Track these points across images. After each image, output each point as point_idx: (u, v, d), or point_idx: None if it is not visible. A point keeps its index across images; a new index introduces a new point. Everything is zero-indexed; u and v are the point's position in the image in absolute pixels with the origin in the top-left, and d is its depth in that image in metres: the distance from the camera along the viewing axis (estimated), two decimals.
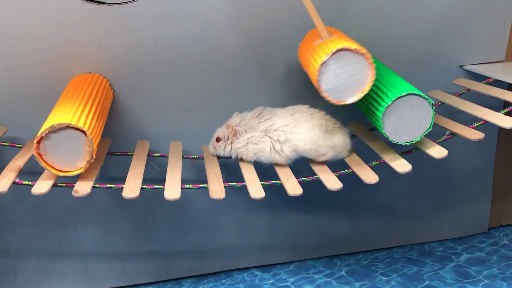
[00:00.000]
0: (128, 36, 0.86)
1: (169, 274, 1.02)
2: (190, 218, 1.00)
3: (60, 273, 0.98)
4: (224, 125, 0.86)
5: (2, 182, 0.70)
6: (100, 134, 0.74)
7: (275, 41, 0.90)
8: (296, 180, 0.78)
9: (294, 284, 0.97)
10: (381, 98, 0.76)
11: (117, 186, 0.74)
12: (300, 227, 1.04)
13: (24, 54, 0.84)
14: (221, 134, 0.86)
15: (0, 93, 0.85)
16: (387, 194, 1.05)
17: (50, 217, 0.95)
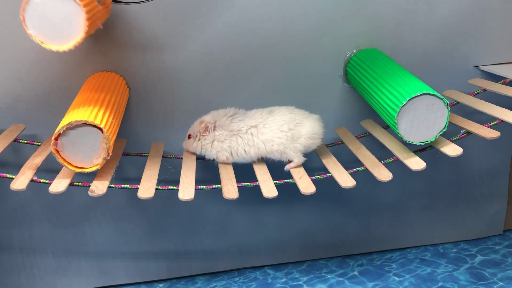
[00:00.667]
0: (145, 35, 0.87)
1: (182, 271, 1.03)
2: (203, 217, 1.01)
3: (75, 270, 1.00)
4: (197, 121, 0.86)
5: (20, 179, 0.71)
6: (116, 131, 0.75)
7: (293, 40, 0.91)
8: (309, 179, 0.78)
9: (306, 283, 0.97)
10: (396, 98, 0.76)
11: (132, 187, 0.75)
12: (313, 226, 1.04)
13: (42, 51, 0.85)
14: (190, 131, 0.86)
15: (19, 91, 0.87)
16: (402, 193, 1.05)
17: (67, 214, 0.97)
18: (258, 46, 0.90)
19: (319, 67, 0.93)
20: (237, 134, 0.83)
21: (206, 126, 0.84)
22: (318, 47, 0.92)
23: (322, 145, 0.88)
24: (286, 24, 0.89)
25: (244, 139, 0.83)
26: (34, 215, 0.95)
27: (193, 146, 0.86)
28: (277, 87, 0.93)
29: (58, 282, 1.00)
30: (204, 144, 0.84)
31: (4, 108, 0.87)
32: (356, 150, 0.85)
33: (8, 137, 0.82)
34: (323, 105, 0.96)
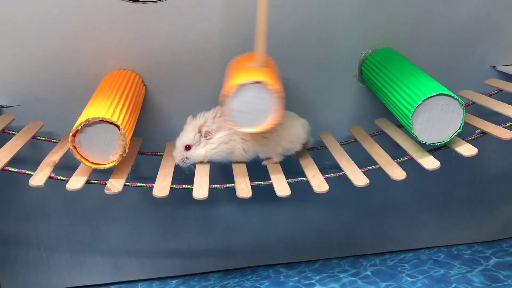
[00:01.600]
0: (161, 34, 0.88)
1: (196, 268, 1.04)
2: (216, 216, 1.02)
3: (91, 265, 1.01)
4: (187, 132, 0.82)
5: (38, 176, 0.72)
6: (132, 128, 0.76)
7: (308, 39, 0.91)
8: (323, 177, 0.77)
9: (319, 282, 0.97)
10: (411, 98, 0.76)
11: (148, 185, 0.76)
12: (326, 225, 1.05)
13: (60, 50, 0.87)
14: (189, 141, 0.81)
15: (37, 89, 0.89)
16: (415, 193, 1.05)
17: (83, 211, 0.98)
18: (273, 45, 0.90)
19: (334, 66, 0.93)
20: (235, 132, 0.81)
21: (206, 131, 0.81)
22: (333, 47, 0.92)
23: (335, 143, 0.88)
24: (302, 23, 0.90)
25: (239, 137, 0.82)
26: (52, 211, 0.97)
27: (198, 154, 0.81)
28: (291, 86, 0.94)
29: (74, 277, 1.01)
30: (212, 149, 0.81)
31: (23, 105, 0.89)
32: (370, 148, 0.85)
33: (27, 134, 0.83)
34: (337, 104, 0.96)
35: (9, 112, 0.89)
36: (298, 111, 0.95)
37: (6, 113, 0.89)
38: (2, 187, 0.94)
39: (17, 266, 0.99)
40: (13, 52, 0.86)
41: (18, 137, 0.81)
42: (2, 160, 0.72)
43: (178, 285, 1.00)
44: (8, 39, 0.85)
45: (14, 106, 0.89)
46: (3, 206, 0.95)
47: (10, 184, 0.94)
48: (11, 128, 0.86)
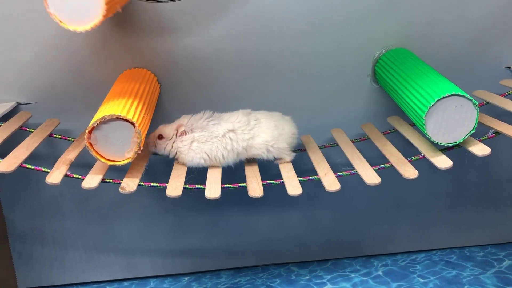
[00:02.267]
0: (176, 33, 0.88)
1: (207, 266, 1.05)
2: (227, 215, 1.02)
3: (104, 262, 1.02)
4: (170, 124, 0.83)
5: (55, 174, 0.73)
6: (147, 126, 0.77)
7: (326, 36, 0.91)
8: (334, 175, 0.77)
9: (330, 282, 0.97)
10: (424, 98, 0.76)
11: (161, 185, 0.77)
12: (337, 225, 1.05)
13: (76, 48, 0.88)
14: (165, 132, 0.82)
15: (53, 87, 0.90)
16: (428, 193, 1.04)
17: (97, 209, 0.99)
18: (287, 44, 0.91)
19: (347, 66, 0.93)
20: (216, 137, 0.81)
21: (184, 131, 0.82)
22: (346, 47, 0.92)
23: (347, 141, 0.88)
24: (316, 23, 0.90)
25: (222, 143, 0.81)
26: (66, 208, 0.99)
27: (165, 148, 0.83)
28: (304, 85, 0.94)
29: (87, 273, 1.03)
30: (180, 147, 0.82)
31: (39, 103, 0.90)
32: (382, 146, 0.85)
33: (43, 131, 0.85)
34: (350, 103, 0.96)
35: (26, 110, 0.90)
36: (311, 109, 0.95)
37: (23, 110, 0.90)
38: (19, 184, 0.95)
39: (32, 261, 1.00)
40: (30, 50, 0.87)
41: (35, 135, 0.82)
42: (19, 157, 0.74)
43: (190, 282, 1.01)
44: (26, 37, 0.87)
45: (31, 103, 0.90)
46: (20, 202, 0.97)
47: (26, 181, 0.95)
48: (28, 125, 0.87)
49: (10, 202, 0.97)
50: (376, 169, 0.78)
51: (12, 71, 0.88)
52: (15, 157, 0.73)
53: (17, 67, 0.88)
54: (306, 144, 0.91)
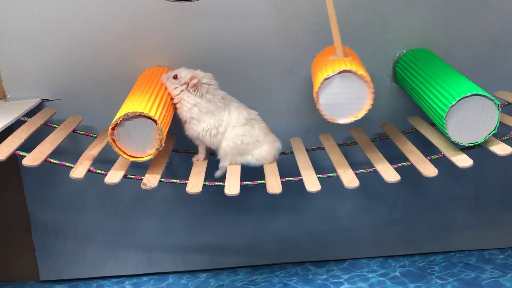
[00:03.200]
0: (197, 32, 0.89)
1: (225, 263, 1.05)
2: (245, 212, 1.03)
3: (124, 257, 1.04)
4: (189, 70, 0.84)
5: (78, 169, 0.75)
6: (169, 124, 0.78)
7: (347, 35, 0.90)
8: (353, 173, 0.77)
9: (347, 281, 0.97)
10: (445, 98, 0.76)
11: (182, 182, 0.78)
12: (355, 225, 1.05)
13: (100, 47, 0.90)
14: (181, 76, 0.83)
15: (77, 84, 0.92)
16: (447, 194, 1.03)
17: (118, 204, 1.01)
18: (306, 43, 0.91)
19: (367, 66, 0.93)
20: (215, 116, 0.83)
21: (196, 85, 0.82)
22: (367, 46, 0.92)
23: (367, 139, 0.88)
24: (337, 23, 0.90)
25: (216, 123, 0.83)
26: (88, 202, 1.00)
27: (174, 90, 0.83)
28: None
29: (108, 268, 1.04)
30: (184, 100, 0.82)
31: (63, 99, 0.92)
32: (402, 145, 0.85)
33: (67, 127, 0.87)
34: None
35: (51, 106, 0.92)
36: None
37: (48, 106, 0.92)
38: (42, 179, 0.98)
39: (54, 255, 1.02)
40: (56, 48, 0.89)
41: (59, 131, 0.84)
42: (45, 152, 0.76)
43: (208, 278, 1.02)
44: (51, 36, 0.89)
45: (56, 100, 0.92)
46: (43, 196, 0.99)
47: (49, 175, 0.97)
48: (52, 121, 0.89)
49: (33, 196, 0.99)
50: (395, 167, 0.78)
51: (38, 69, 0.91)
52: (40, 151, 0.75)
53: (42, 65, 0.90)
54: (324, 142, 0.91)
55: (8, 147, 0.74)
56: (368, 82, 0.73)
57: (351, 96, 0.74)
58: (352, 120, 0.75)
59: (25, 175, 0.98)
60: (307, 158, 0.85)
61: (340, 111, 0.75)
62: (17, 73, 0.91)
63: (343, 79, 0.73)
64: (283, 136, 0.94)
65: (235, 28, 0.90)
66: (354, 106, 0.75)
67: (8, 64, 0.90)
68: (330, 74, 0.73)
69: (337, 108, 0.75)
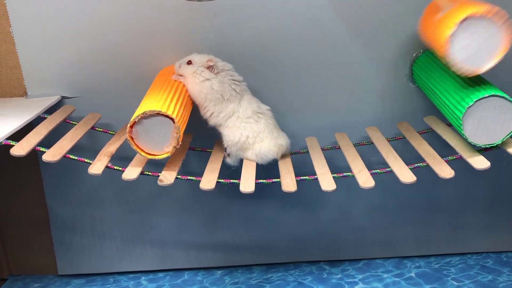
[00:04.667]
0: (214, 31, 0.90)
1: (239, 261, 1.06)
2: (260, 210, 1.03)
3: (140, 253, 1.05)
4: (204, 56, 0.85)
5: (96, 165, 0.77)
6: (186, 122, 0.79)
7: (363, 38, 0.92)
8: (368, 172, 0.77)
9: (362, 281, 0.97)
10: (462, 98, 0.75)
11: (197, 179, 0.79)
12: (370, 224, 1.04)
13: (119, 45, 0.91)
14: (196, 60, 0.85)
15: (96, 81, 0.93)
16: (463, 196, 1.03)
17: (134, 201, 1.02)
18: (324, 43, 0.92)
19: (384, 66, 0.93)
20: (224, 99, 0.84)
21: (212, 67, 0.83)
22: (384, 46, 0.92)
23: (383, 139, 0.88)
24: (354, 23, 0.90)
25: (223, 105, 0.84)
26: (105, 198, 1.02)
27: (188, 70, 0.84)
28: (341, 84, 0.94)
29: (124, 263, 1.06)
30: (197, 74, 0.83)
31: (82, 96, 0.94)
32: (418, 145, 0.84)
33: (86, 124, 0.88)
34: (386, 103, 0.96)
35: (70, 103, 0.94)
36: (346, 108, 0.95)
37: (68, 103, 0.94)
38: (61, 175, 0.99)
39: (72, 249, 1.04)
40: (75, 47, 0.91)
41: (78, 127, 0.86)
42: (64, 148, 0.77)
43: (223, 275, 1.03)
44: (71, 35, 0.90)
45: (75, 97, 0.94)
46: (62, 192, 1.01)
47: (68, 171, 0.99)
48: (71, 118, 0.90)
49: (52, 191, 1.01)
50: (411, 168, 0.77)
51: (57, 67, 0.92)
52: (59, 147, 0.77)
53: (62, 63, 0.92)
54: (340, 141, 0.91)
55: (29, 143, 0.75)
56: (493, 17, 0.69)
57: (484, 38, 0.70)
58: (498, 60, 0.71)
59: (44, 171, 0.99)
60: (322, 157, 0.85)
61: (481, 59, 0.71)
62: (38, 71, 0.92)
63: (467, 27, 0.70)
64: (299, 134, 0.94)
65: (251, 27, 0.90)
66: (492, 46, 0.71)
67: (29, 62, 0.92)
68: (452, 30, 0.69)
69: (477, 57, 0.71)
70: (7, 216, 1.03)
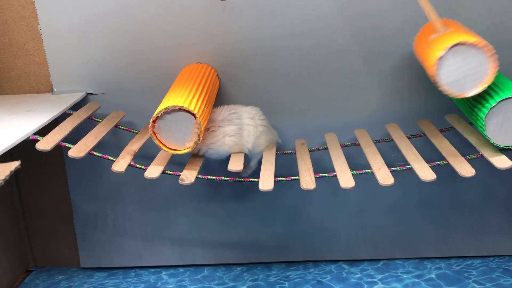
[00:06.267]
0: (237, 30, 0.91)
1: (258, 258, 1.07)
2: (278, 208, 1.04)
3: (160, 248, 1.07)
4: None
5: (120, 163, 0.78)
6: (207, 118, 0.80)
7: (384, 34, 0.91)
8: (388, 170, 0.77)
9: (381, 281, 0.97)
10: (485, 99, 0.75)
11: (217, 178, 0.80)
12: (389, 224, 1.04)
13: (142, 43, 0.93)
14: None
15: (120, 79, 0.95)
16: (485, 196, 1.01)
17: (155, 198, 1.04)
18: (345, 41, 0.92)
19: (407, 65, 0.93)
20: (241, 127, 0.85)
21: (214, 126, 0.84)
22: (406, 44, 0.91)
23: (403, 136, 0.88)
24: (376, 20, 0.90)
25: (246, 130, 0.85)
26: (127, 195, 1.04)
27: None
28: (362, 82, 0.94)
29: (144, 258, 1.07)
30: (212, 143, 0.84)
31: (107, 93, 0.96)
32: (438, 143, 0.84)
33: (110, 122, 0.90)
34: (407, 102, 0.95)
35: (94, 100, 0.96)
36: (367, 106, 0.95)
37: (92, 100, 0.96)
38: (86, 170, 1.01)
39: (94, 243, 1.06)
40: (101, 45, 0.93)
41: (102, 125, 0.87)
42: (89, 144, 0.79)
43: (242, 272, 1.04)
44: (97, 32, 0.92)
45: (99, 94, 0.96)
46: (85, 187, 1.03)
47: (92, 168, 1.01)
48: (96, 115, 0.92)
49: (76, 186, 1.03)
50: (431, 166, 0.77)
51: (83, 64, 0.94)
52: (84, 144, 0.79)
53: (88, 60, 0.94)
54: (360, 138, 0.91)
55: (54, 138, 0.77)
56: (483, 47, 0.71)
57: (471, 66, 0.72)
58: (483, 88, 0.73)
59: (69, 166, 1.02)
60: (341, 154, 0.85)
61: (466, 84, 0.73)
62: (64, 67, 0.95)
63: (456, 53, 0.72)
64: (317, 132, 0.94)
65: (275, 25, 0.91)
66: (478, 73, 0.72)
67: (55, 59, 0.94)
68: (442, 53, 0.71)
69: (462, 82, 0.73)
70: (33, 210, 1.05)
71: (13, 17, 0.93)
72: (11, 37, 0.94)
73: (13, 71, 0.96)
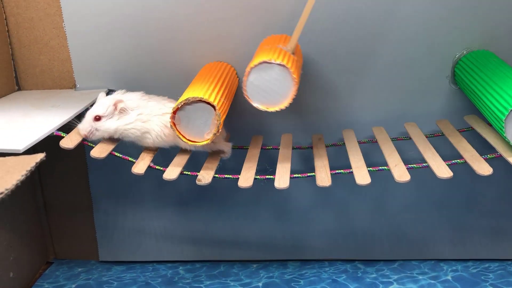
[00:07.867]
0: (256, 29, 0.92)
1: (274, 255, 1.07)
2: (294, 206, 1.04)
3: (178, 243, 1.08)
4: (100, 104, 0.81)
5: (139, 165, 0.81)
6: (226, 111, 0.81)
7: (403, 38, 0.92)
8: (405, 167, 0.77)
9: (397, 282, 0.96)
10: (505, 100, 0.74)
11: (234, 177, 0.81)
12: (406, 224, 1.03)
13: (163, 41, 0.94)
14: (100, 112, 0.79)
15: (141, 76, 0.96)
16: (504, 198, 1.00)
17: (173, 195, 1.05)
18: (367, 45, 0.92)
19: (426, 66, 0.93)
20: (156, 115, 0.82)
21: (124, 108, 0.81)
22: (427, 47, 0.91)
23: (421, 135, 0.88)
24: (396, 23, 0.91)
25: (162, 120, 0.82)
26: (146, 191, 1.05)
27: (109, 126, 0.80)
28: (382, 84, 0.94)
29: (162, 252, 1.09)
30: (126, 124, 0.81)
31: (128, 89, 0.97)
32: (456, 143, 0.84)
33: None
34: (426, 104, 0.95)
35: None
36: (386, 106, 0.95)
37: None
38: (106, 166, 1.03)
39: (113, 237, 1.08)
40: (123, 41, 0.95)
41: None
42: (110, 145, 0.82)
43: (258, 269, 1.04)
44: (120, 30, 0.94)
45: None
46: (106, 182, 1.05)
47: (111, 164, 1.01)
48: None
49: (96, 181, 1.05)
50: (448, 164, 0.76)
51: (106, 60, 0.96)
52: (106, 144, 0.81)
53: (110, 57, 0.96)
54: (378, 135, 0.91)
55: (77, 136, 0.80)
56: (295, 86, 0.74)
57: (274, 88, 0.75)
58: (263, 109, 0.76)
59: (90, 161, 1.04)
60: (358, 151, 0.85)
61: (259, 95, 0.76)
62: (87, 64, 0.97)
63: (279, 71, 0.74)
64: (336, 128, 0.95)
65: (293, 25, 0.91)
66: (273, 98, 0.75)
67: (78, 55, 0.96)
68: (272, 60, 0.74)
69: (259, 91, 0.75)
70: (54, 203, 1.07)
71: (39, 15, 0.95)
72: (36, 34, 0.96)
73: (37, 67, 0.99)
